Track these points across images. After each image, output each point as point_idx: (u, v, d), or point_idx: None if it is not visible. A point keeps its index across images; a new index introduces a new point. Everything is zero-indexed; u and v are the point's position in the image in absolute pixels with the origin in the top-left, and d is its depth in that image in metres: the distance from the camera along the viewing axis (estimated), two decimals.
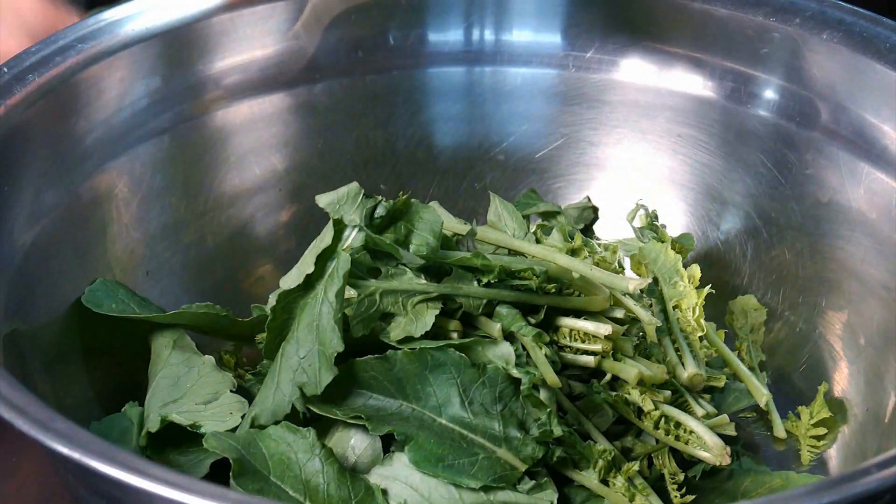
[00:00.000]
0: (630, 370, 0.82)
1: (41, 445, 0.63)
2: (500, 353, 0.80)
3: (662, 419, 0.83)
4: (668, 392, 0.84)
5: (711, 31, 1.04)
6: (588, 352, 0.83)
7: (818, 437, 0.93)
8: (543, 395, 0.79)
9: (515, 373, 0.79)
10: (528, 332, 0.81)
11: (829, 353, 0.97)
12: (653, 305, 0.91)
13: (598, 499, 0.80)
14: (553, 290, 0.84)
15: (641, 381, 0.82)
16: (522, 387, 0.78)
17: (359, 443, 0.78)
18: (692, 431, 0.82)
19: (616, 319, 0.85)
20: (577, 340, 0.83)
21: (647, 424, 0.83)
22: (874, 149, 0.96)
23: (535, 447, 0.77)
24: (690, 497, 0.83)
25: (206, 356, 0.86)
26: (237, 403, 0.82)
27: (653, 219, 1.02)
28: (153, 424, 0.80)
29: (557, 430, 0.77)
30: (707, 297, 0.93)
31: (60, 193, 0.91)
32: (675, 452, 0.85)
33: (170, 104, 1.01)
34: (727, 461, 0.81)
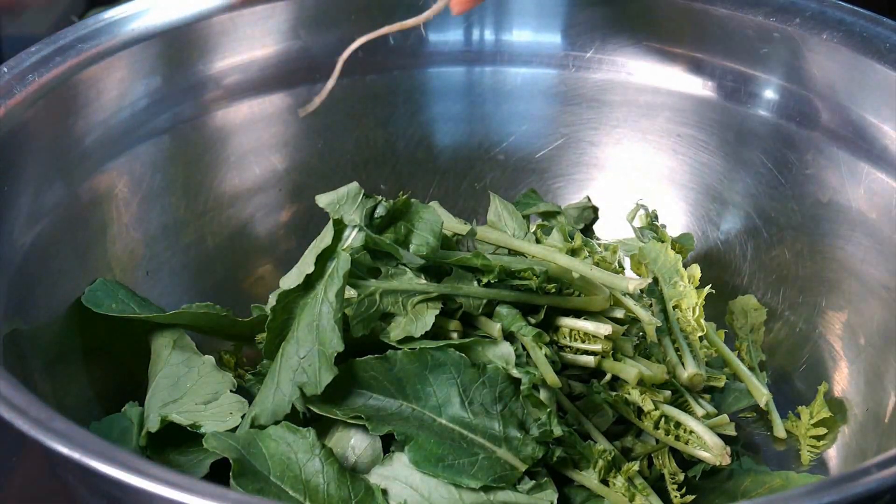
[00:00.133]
0: (630, 370, 0.82)
1: (41, 445, 0.63)
2: (500, 353, 0.80)
3: (662, 419, 0.83)
4: (668, 392, 0.84)
5: (711, 31, 1.04)
6: (588, 352, 0.83)
7: (818, 437, 0.93)
8: (543, 395, 0.79)
9: (515, 373, 0.78)
10: (528, 332, 0.81)
11: (829, 353, 0.97)
12: (653, 305, 0.91)
13: (598, 499, 0.80)
14: (553, 290, 0.84)
15: (641, 381, 0.82)
16: (522, 387, 0.78)
17: (359, 443, 0.78)
18: (692, 431, 0.82)
19: (616, 319, 0.85)
20: (577, 340, 0.83)
21: (647, 424, 0.83)
22: (874, 149, 0.96)
23: (535, 447, 0.77)
24: (690, 497, 0.83)
25: (206, 356, 0.86)
26: (237, 403, 0.82)
27: (653, 219, 1.02)
28: (153, 424, 0.80)
29: (557, 430, 0.77)
30: (707, 297, 0.93)
31: (60, 193, 0.91)
32: (675, 452, 0.85)
33: (170, 104, 1.01)
34: (727, 461, 0.81)
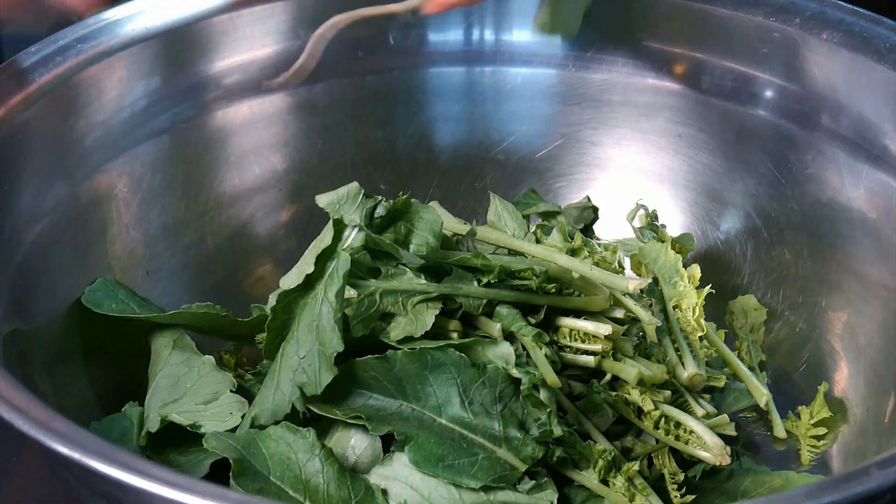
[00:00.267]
0: (630, 370, 0.82)
1: (41, 445, 0.63)
2: (500, 353, 0.80)
3: (662, 419, 0.83)
4: (668, 392, 0.84)
5: (711, 31, 1.04)
6: (588, 352, 0.83)
7: (818, 437, 0.93)
8: (543, 395, 0.79)
9: (515, 373, 0.78)
10: (528, 332, 0.81)
11: (829, 353, 0.97)
12: (653, 305, 0.91)
13: (598, 499, 0.80)
14: (553, 290, 0.84)
15: (641, 381, 0.82)
16: (522, 387, 0.78)
17: (359, 443, 0.78)
18: (692, 431, 0.82)
19: (616, 319, 0.85)
20: (577, 340, 0.83)
21: (647, 424, 0.83)
22: (874, 149, 0.95)
23: (535, 447, 0.77)
24: (690, 497, 0.83)
25: (206, 356, 0.86)
26: (237, 403, 0.82)
27: (653, 219, 1.02)
28: (153, 424, 0.80)
29: (557, 430, 0.77)
30: (707, 297, 0.93)
31: (60, 193, 0.91)
32: (675, 452, 0.85)
33: (170, 104, 1.01)
34: (727, 461, 0.81)
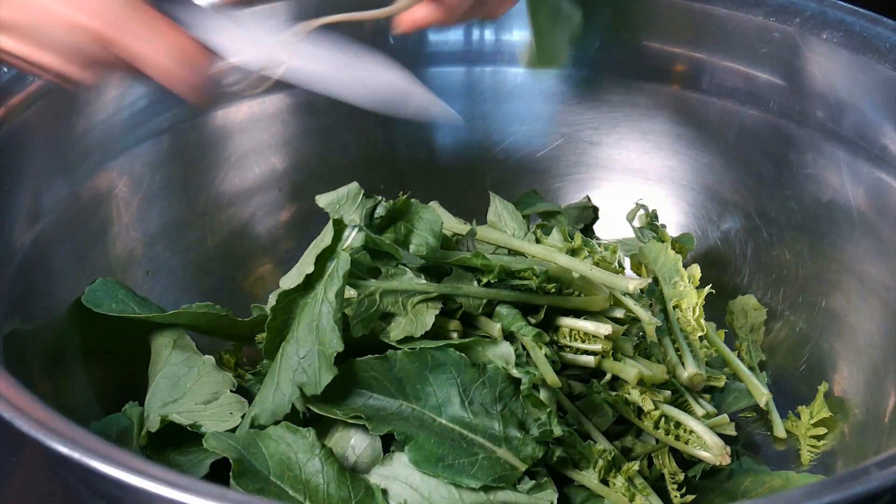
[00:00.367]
0: (630, 370, 0.82)
1: (41, 445, 0.63)
2: (500, 353, 0.80)
3: (662, 419, 0.83)
4: (668, 392, 0.84)
5: (711, 31, 1.04)
6: (588, 352, 0.83)
7: (818, 437, 0.93)
8: (543, 395, 0.79)
9: (515, 373, 0.78)
10: (528, 332, 0.81)
11: (829, 353, 0.97)
12: (653, 305, 0.91)
13: (598, 499, 0.80)
14: (553, 290, 0.84)
15: (641, 381, 0.82)
16: (522, 387, 0.78)
17: (359, 443, 0.78)
18: (692, 431, 0.82)
19: (616, 319, 0.85)
20: (577, 340, 0.83)
21: (647, 424, 0.83)
22: (874, 149, 0.95)
23: (535, 447, 0.77)
24: (690, 497, 0.83)
25: (206, 356, 0.86)
26: (237, 403, 0.82)
27: (653, 219, 1.02)
28: (153, 424, 0.80)
29: (557, 430, 0.77)
30: (707, 297, 0.93)
31: (60, 193, 0.91)
32: (675, 452, 0.84)
33: (170, 104, 1.00)
34: (727, 461, 0.81)
